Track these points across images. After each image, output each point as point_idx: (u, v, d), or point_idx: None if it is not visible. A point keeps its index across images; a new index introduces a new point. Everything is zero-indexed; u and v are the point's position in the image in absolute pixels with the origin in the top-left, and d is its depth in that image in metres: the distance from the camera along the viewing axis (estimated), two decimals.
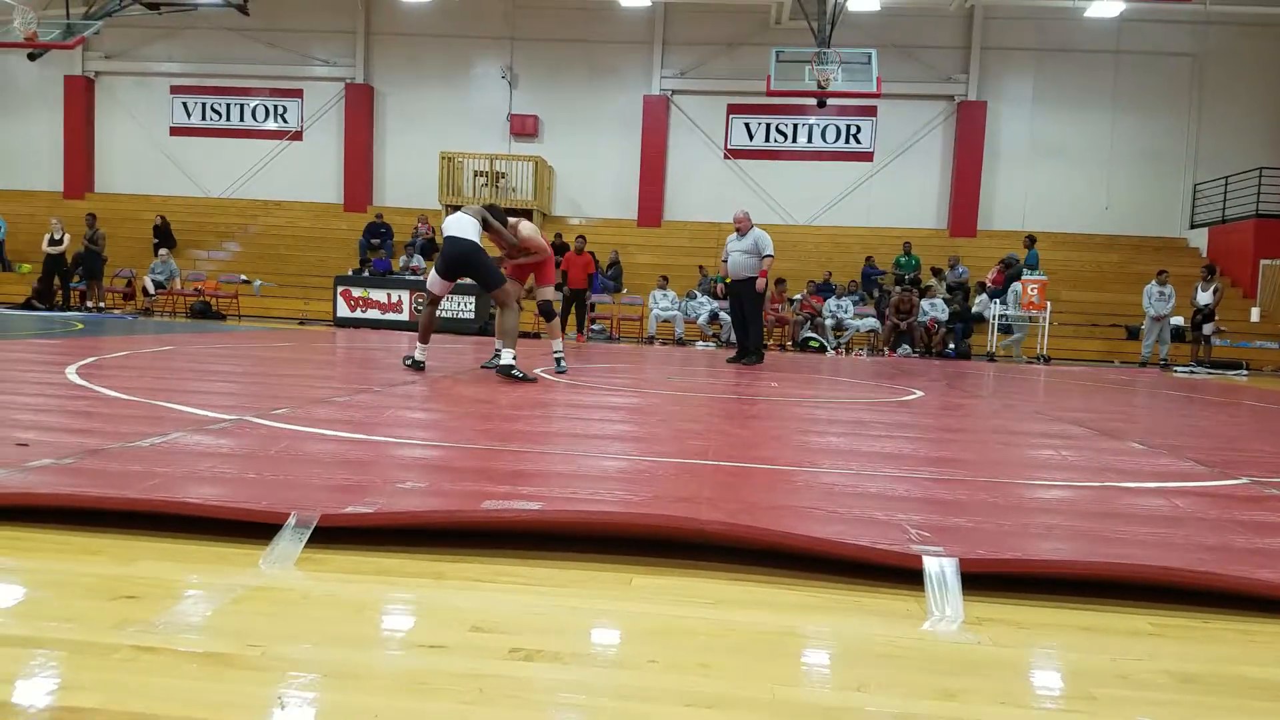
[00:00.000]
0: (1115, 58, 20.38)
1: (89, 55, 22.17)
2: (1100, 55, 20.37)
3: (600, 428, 4.18)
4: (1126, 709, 1.47)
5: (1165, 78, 20.38)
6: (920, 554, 2.04)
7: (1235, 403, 7.90)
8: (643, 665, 1.55)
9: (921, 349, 15.85)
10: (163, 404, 4.13)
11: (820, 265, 18.83)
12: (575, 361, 9.10)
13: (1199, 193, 20.44)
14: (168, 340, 9.31)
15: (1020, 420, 5.50)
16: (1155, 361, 15.63)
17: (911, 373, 10.26)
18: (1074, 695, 1.52)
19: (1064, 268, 19.22)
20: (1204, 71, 20.30)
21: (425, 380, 6.09)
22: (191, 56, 22.29)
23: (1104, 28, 19.79)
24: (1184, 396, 8.49)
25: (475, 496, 2.46)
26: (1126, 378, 11.67)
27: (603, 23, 20.96)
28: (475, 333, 15.56)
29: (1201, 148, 20.44)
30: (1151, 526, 2.56)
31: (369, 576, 1.94)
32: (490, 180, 20.72)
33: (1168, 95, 20.44)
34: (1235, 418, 6.40)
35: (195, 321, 15.55)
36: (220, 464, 2.80)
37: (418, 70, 21.87)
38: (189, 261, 19.28)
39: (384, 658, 1.53)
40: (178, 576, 1.88)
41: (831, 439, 4.23)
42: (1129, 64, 20.40)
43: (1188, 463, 3.86)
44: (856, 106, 20.57)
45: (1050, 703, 1.49)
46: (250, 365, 6.79)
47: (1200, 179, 20.41)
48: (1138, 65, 20.38)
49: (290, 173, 22.30)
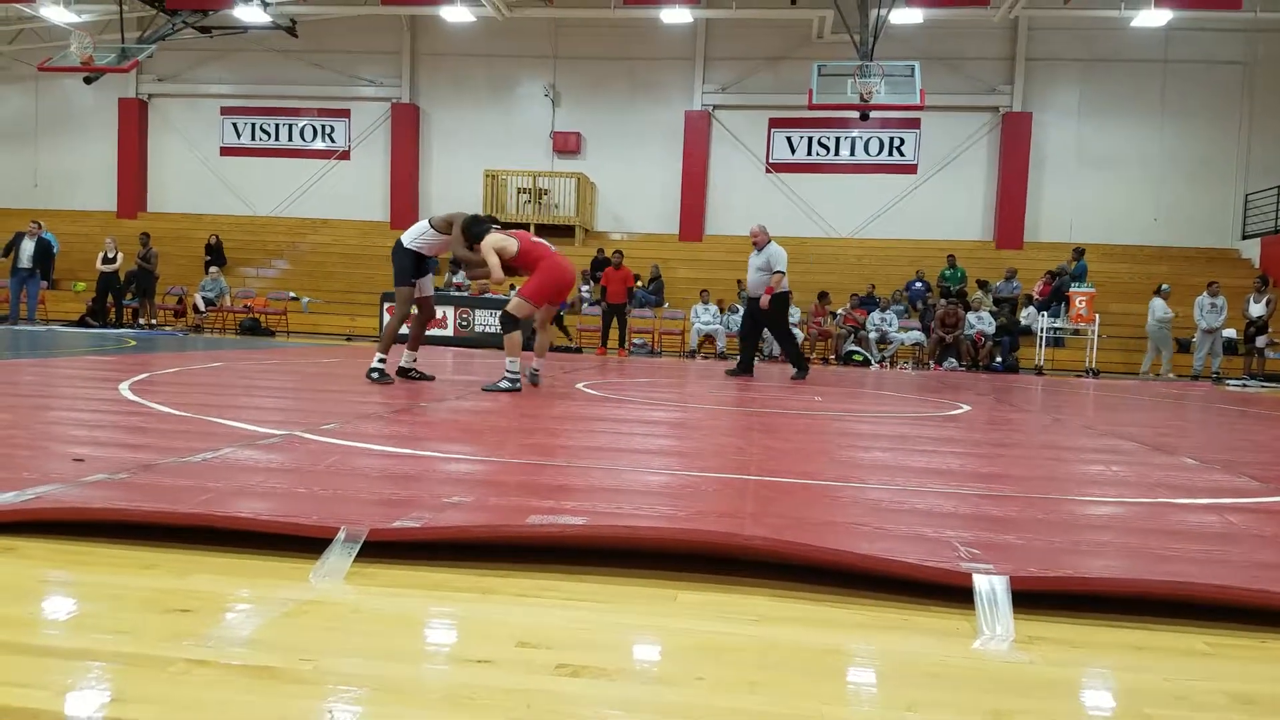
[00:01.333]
0: (1163, 67, 20.05)
1: (143, 78, 22.79)
2: (1148, 64, 20.06)
3: (643, 442, 4.18)
4: None
5: (1214, 86, 20.00)
6: (970, 572, 2.02)
7: None
8: (690, 682, 1.55)
9: (968, 363, 15.65)
10: (214, 419, 4.22)
11: (863, 278, 18.70)
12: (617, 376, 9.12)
13: (1250, 203, 19.98)
14: (218, 356, 9.49)
15: (1069, 435, 5.41)
16: (1208, 374, 15.29)
17: (958, 387, 10.13)
18: (1128, 715, 1.49)
19: (1112, 280, 18.89)
20: (1254, 79, 19.90)
21: (469, 395, 6.14)
22: (241, 78, 22.82)
23: (1151, 37, 19.48)
24: (1237, 410, 8.29)
25: (520, 511, 2.48)
26: (1177, 391, 11.42)
27: (644, 40, 21.09)
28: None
29: (1253, 157, 20.01)
30: (1205, 543, 2.50)
31: (417, 591, 1.96)
32: (534, 197, 20.91)
33: (1217, 104, 20.06)
34: None
35: (244, 338, 15.85)
36: (270, 479, 2.85)
37: (462, 89, 22.16)
38: (238, 279, 19.67)
39: (431, 672, 1.55)
40: (230, 590, 1.92)
41: (877, 454, 4.19)
42: (1177, 73, 20.05)
43: (1242, 478, 3.77)
44: (899, 119, 20.45)
45: None
46: (299, 381, 6.90)
47: (1252, 189, 19.96)
48: (1186, 74, 20.03)
49: (338, 191, 22.69)
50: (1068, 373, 15.66)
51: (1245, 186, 20.10)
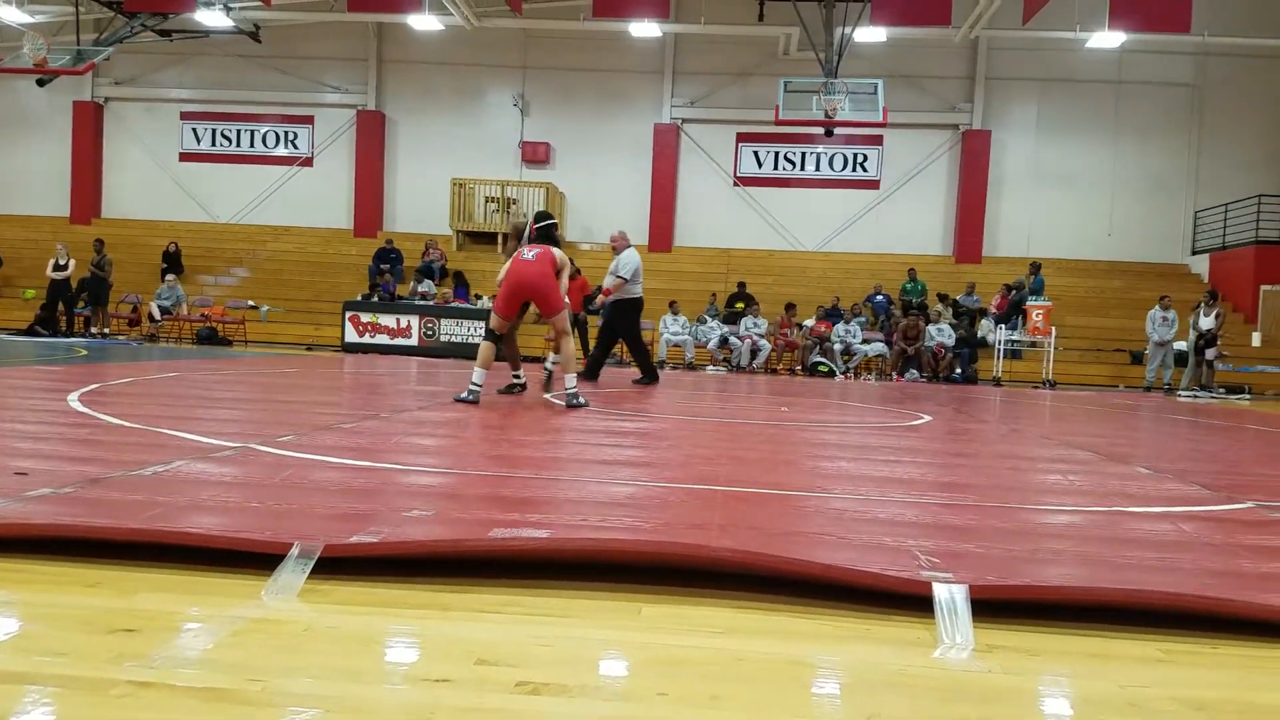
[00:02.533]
0: (1117, 87, 20.49)
1: (99, 81, 22.40)
2: (1102, 85, 20.49)
3: (610, 453, 4.17)
4: None
5: (1166, 107, 20.49)
6: (930, 580, 2.02)
7: (1239, 427, 7.86)
8: (652, 698, 1.53)
9: (929, 374, 15.82)
10: (166, 431, 4.13)
11: (828, 291, 18.86)
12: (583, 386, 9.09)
13: (1200, 220, 20.47)
14: (173, 366, 9.33)
15: (1027, 445, 5.48)
16: (1160, 386, 15.58)
17: (919, 397, 10.23)
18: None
19: (1068, 293, 19.23)
20: (1204, 101, 20.41)
21: (433, 406, 6.08)
22: (202, 83, 22.52)
23: (1105, 58, 19.89)
24: (1188, 421, 8.45)
25: (482, 525, 2.45)
26: (1131, 402, 11.62)
27: (614, 52, 21.14)
28: None
29: (1202, 175, 20.52)
30: (1159, 551, 2.54)
31: (373, 608, 1.93)
32: (502, 207, 20.86)
33: (1168, 124, 20.54)
34: (1239, 442, 6.36)
35: (201, 348, 15.60)
36: (224, 493, 2.79)
37: (429, 97, 22.06)
38: (196, 287, 19.37)
39: (388, 692, 1.52)
40: (178, 609, 1.87)
41: (841, 464, 4.21)
42: (1130, 93, 20.50)
43: (1193, 487, 3.84)
44: (863, 135, 20.68)
45: None
46: (256, 392, 6.80)
47: (1201, 206, 20.46)
48: (1139, 95, 20.49)
49: (300, 198, 22.45)
50: (1025, 384, 15.89)
51: (1195, 204, 20.58)
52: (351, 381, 8.45)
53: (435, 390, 7.66)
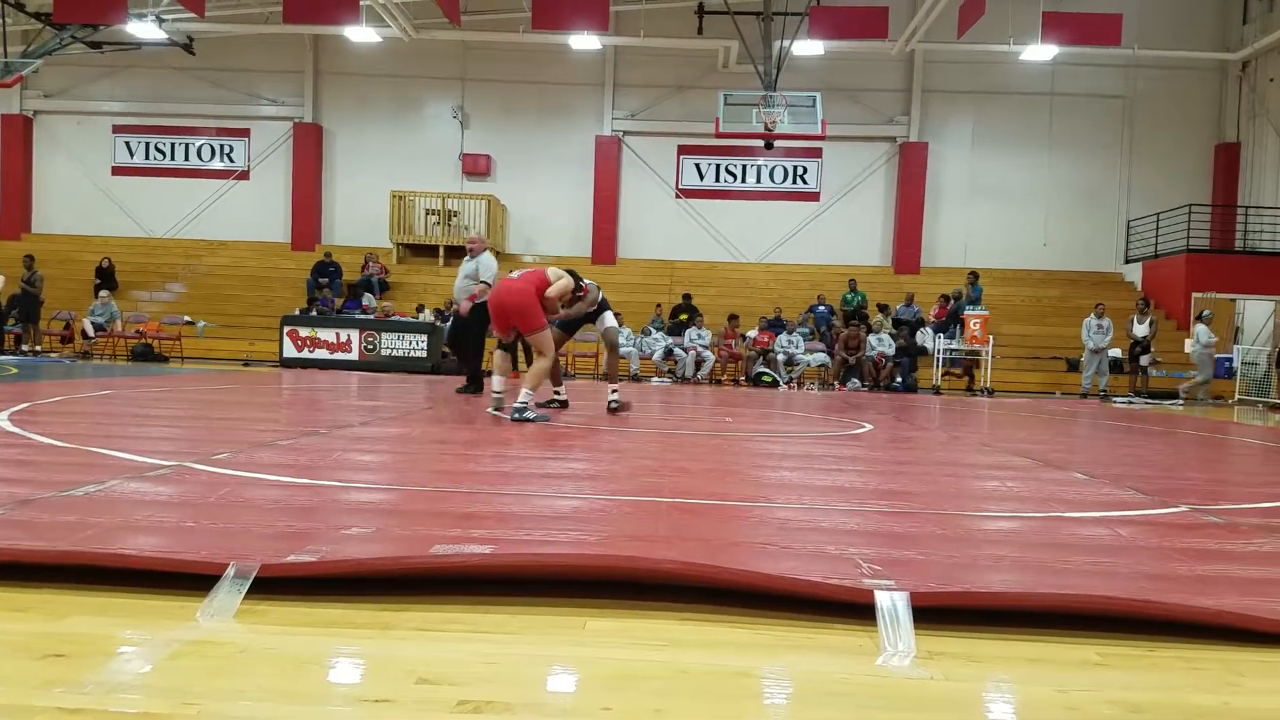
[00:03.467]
0: (1050, 100, 21.05)
1: (27, 94, 21.80)
2: (1036, 98, 21.03)
3: (554, 466, 4.14)
4: None
5: (1098, 119, 21.10)
6: (872, 588, 2.04)
7: (1172, 432, 8.10)
8: (596, 713, 1.52)
9: (870, 383, 16.05)
10: (99, 450, 4.01)
11: (770, 302, 19.03)
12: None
13: (1132, 229, 21.09)
14: (106, 384, 9.07)
15: (966, 452, 5.57)
16: (1095, 392, 15.99)
17: (861, 406, 10.36)
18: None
19: (1005, 302, 19.66)
20: (1134, 113, 21.07)
21: (375, 421, 6.00)
22: (135, 95, 22.01)
23: (1038, 71, 20.44)
24: (1123, 426, 8.68)
25: (424, 541, 2.41)
26: (1068, 409, 11.91)
27: (554, 64, 21.15)
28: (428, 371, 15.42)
29: (1133, 185, 21.16)
30: (1096, 556, 2.59)
31: (311, 628, 1.88)
32: (443, 219, 20.71)
33: (1100, 135, 21.15)
34: (1172, 447, 6.55)
35: (136, 364, 15.20)
36: (158, 513, 2.72)
37: (367, 110, 21.85)
38: (130, 303, 18.89)
39: (326, 713, 1.48)
40: (110, 632, 1.81)
41: (785, 473, 4.24)
42: (1063, 106, 21.08)
43: (1129, 492, 3.94)
44: (803, 148, 20.93)
45: None
46: (192, 409, 6.64)
47: (1133, 215, 21.08)
48: (1071, 107, 21.07)
49: (236, 212, 22.04)
50: (964, 392, 16.19)
51: (1127, 214, 21.21)
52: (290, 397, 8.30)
53: (377, 405, 7.56)
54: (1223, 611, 2.02)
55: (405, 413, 6.89)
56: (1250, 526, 3.16)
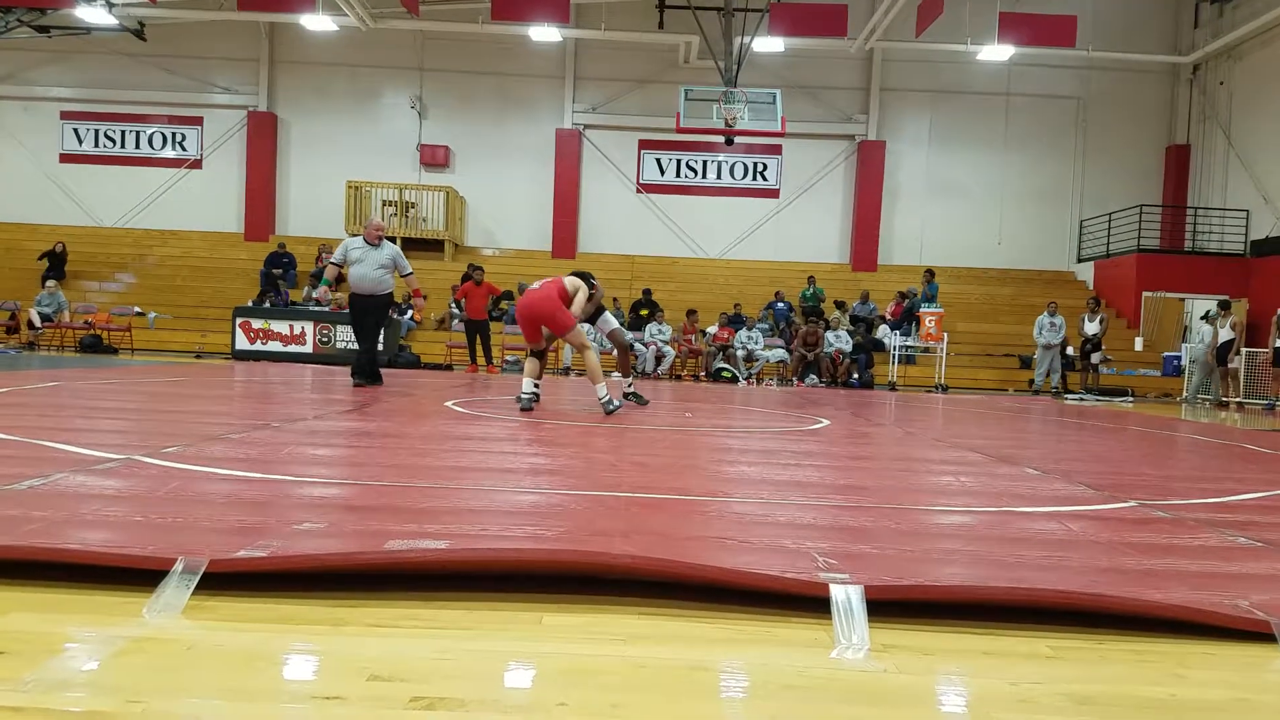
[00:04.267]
0: (1006, 100, 21.35)
1: None
2: (992, 97, 21.31)
3: (513, 461, 4.12)
4: None
5: (1052, 119, 21.44)
6: (827, 582, 2.05)
7: (1122, 428, 8.26)
8: (551, 709, 1.51)
9: (828, 379, 16.18)
10: (45, 443, 3.91)
11: (730, 298, 19.11)
12: (487, 393, 8.99)
13: (1085, 228, 21.48)
14: (53, 375, 8.86)
15: (921, 448, 5.64)
16: (1048, 389, 16.27)
17: (819, 402, 10.44)
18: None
19: (960, 300, 19.92)
20: (1087, 114, 21.44)
21: (329, 415, 5.92)
22: (84, 82, 21.48)
23: (995, 71, 20.72)
24: (1074, 423, 8.84)
25: (378, 536, 2.38)
26: (1021, 405, 12.10)
27: (514, 56, 21.01)
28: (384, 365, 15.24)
29: (1086, 185, 21.54)
30: (1047, 550, 2.63)
31: (261, 625, 1.85)
32: (400, 210, 20.49)
33: (1055, 136, 21.50)
34: (1122, 442, 6.68)
35: (85, 356, 14.86)
36: (105, 507, 2.65)
37: (324, 99, 21.53)
38: (79, 293, 18.45)
39: (275, 712, 1.45)
40: (53, 629, 1.76)
41: (743, 468, 4.26)
42: (1019, 106, 21.39)
43: (1079, 487, 4.00)
44: (763, 145, 21.02)
45: None
46: (142, 401, 6.50)
47: (1086, 215, 21.47)
48: (1027, 107, 21.39)
49: (189, 202, 21.61)
50: (919, 388, 16.39)
51: (1080, 213, 21.60)
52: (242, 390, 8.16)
53: (331, 399, 7.46)
54: (1170, 605, 2.06)
55: (361, 406, 6.81)
56: (1196, 521, 3.23)
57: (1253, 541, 2.89)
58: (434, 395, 8.40)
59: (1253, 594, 2.19)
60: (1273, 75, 18.64)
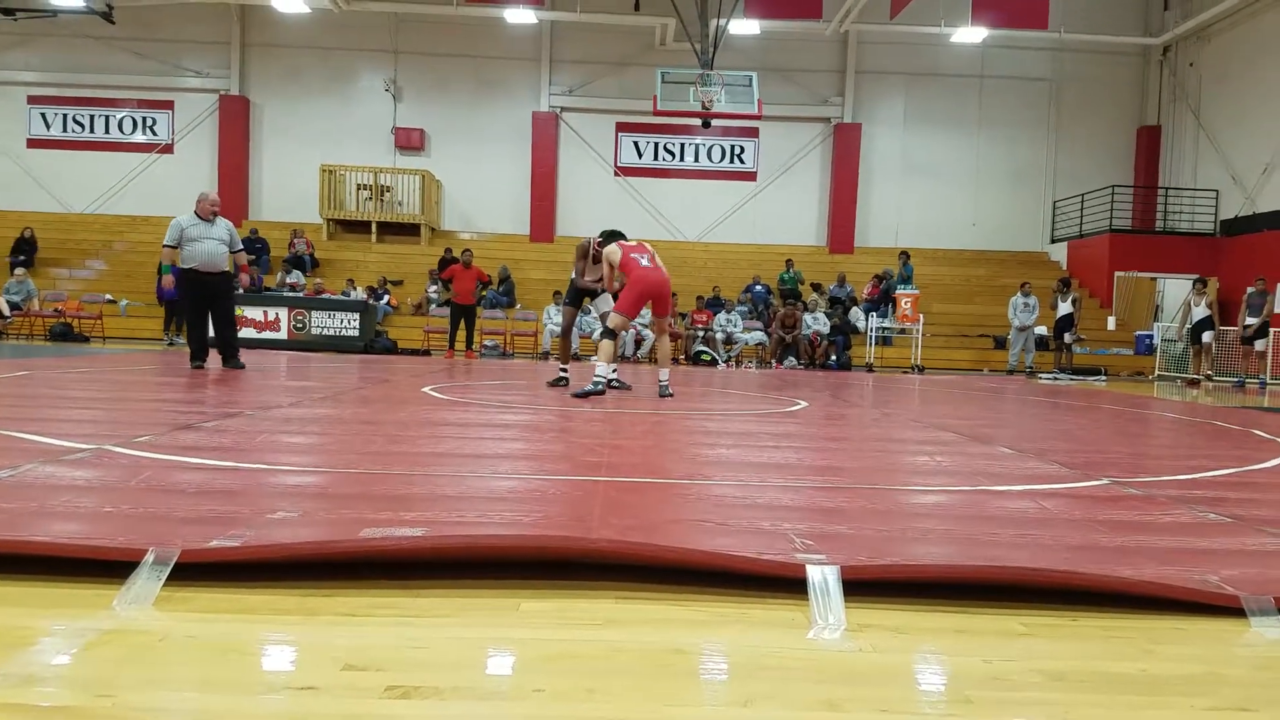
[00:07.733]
0: (980, 82, 21.44)
1: None
2: (966, 79, 21.39)
3: (491, 446, 4.10)
4: (1002, 710, 1.51)
5: (1025, 101, 21.56)
6: (804, 563, 2.06)
7: (1095, 407, 8.35)
8: (528, 695, 1.50)
9: (806, 361, 16.25)
10: (13, 434, 3.86)
11: (709, 281, 19.13)
12: (465, 378, 8.96)
13: (1058, 209, 21.64)
14: (22, 365, 8.73)
15: (897, 428, 5.67)
16: (1022, 369, 16.41)
17: (797, 384, 10.48)
18: (952, 699, 1.55)
19: (935, 281, 20.05)
20: (1060, 95, 21.57)
21: (304, 402, 5.87)
22: (51, 65, 21.13)
23: (969, 53, 20.78)
24: (1048, 402, 8.92)
25: (353, 524, 2.37)
26: (995, 385, 12.20)
27: (489, 38, 20.85)
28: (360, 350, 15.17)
29: (1059, 167, 21.70)
30: (1021, 528, 2.66)
31: (234, 615, 1.83)
32: (375, 194, 20.34)
33: (1028, 117, 21.62)
34: (1095, 421, 6.75)
35: (55, 344, 14.66)
36: (76, 497, 2.62)
37: (297, 82, 21.30)
38: (49, 281, 18.20)
39: (248, 703, 1.44)
40: (20, 622, 1.74)
41: (722, 450, 4.26)
42: (992, 88, 21.48)
43: (1053, 465, 4.04)
44: (740, 128, 21.01)
45: (929, 708, 1.51)
46: (113, 390, 6.43)
47: (1059, 196, 21.63)
48: (1000, 89, 21.48)
49: (160, 187, 21.35)
50: (896, 370, 16.50)
51: (1053, 194, 21.76)
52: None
53: (306, 385, 7.40)
54: (1142, 581, 2.08)
55: (336, 393, 6.76)
56: (1167, 498, 3.27)
57: (1223, 517, 2.93)
58: (412, 381, 8.36)
59: (1223, 569, 2.22)
60: (1241, 56, 18.82)
